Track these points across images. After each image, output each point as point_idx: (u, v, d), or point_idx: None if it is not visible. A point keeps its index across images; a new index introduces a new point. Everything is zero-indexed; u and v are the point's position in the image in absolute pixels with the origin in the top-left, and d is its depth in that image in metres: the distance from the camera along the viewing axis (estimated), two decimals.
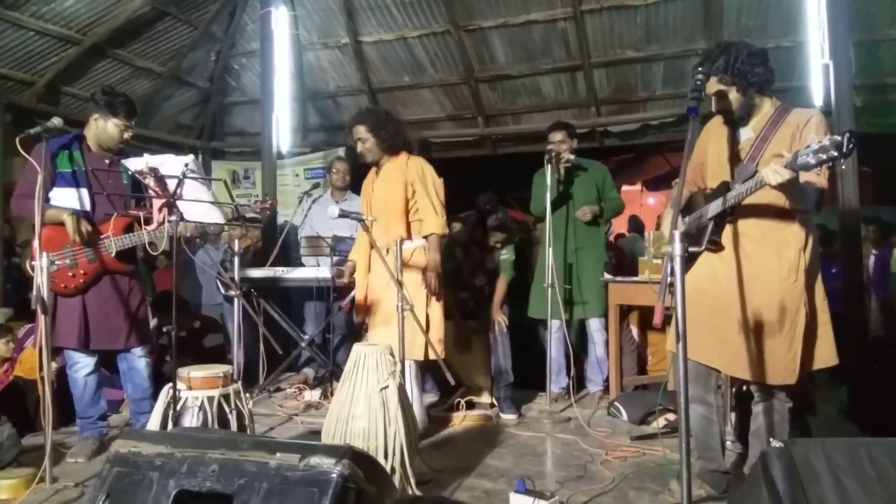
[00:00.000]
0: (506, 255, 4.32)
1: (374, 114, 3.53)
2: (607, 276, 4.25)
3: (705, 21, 6.20)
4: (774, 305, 2.41)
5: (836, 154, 1.99)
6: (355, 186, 4.49)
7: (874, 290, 6.54)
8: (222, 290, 4.73)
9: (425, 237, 3.47)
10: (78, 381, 3.30)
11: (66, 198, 3.16)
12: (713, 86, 2.46)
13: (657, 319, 2.11)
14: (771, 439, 2.27)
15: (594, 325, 4.37)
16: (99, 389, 3.38)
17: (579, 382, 4.43)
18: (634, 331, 4.58)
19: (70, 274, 3.16)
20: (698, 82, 2.31)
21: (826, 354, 2.48)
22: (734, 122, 2.55)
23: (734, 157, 2.52)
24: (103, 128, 3.23)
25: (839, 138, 1.98)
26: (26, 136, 2.75)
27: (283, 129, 6.81)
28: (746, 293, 2.45)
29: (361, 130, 3.45)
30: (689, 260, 2.31)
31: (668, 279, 2.10)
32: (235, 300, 4.00)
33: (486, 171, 8.30)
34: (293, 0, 7.04)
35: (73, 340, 3.18)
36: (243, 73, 7.98)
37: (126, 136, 3.28)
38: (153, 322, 3.99)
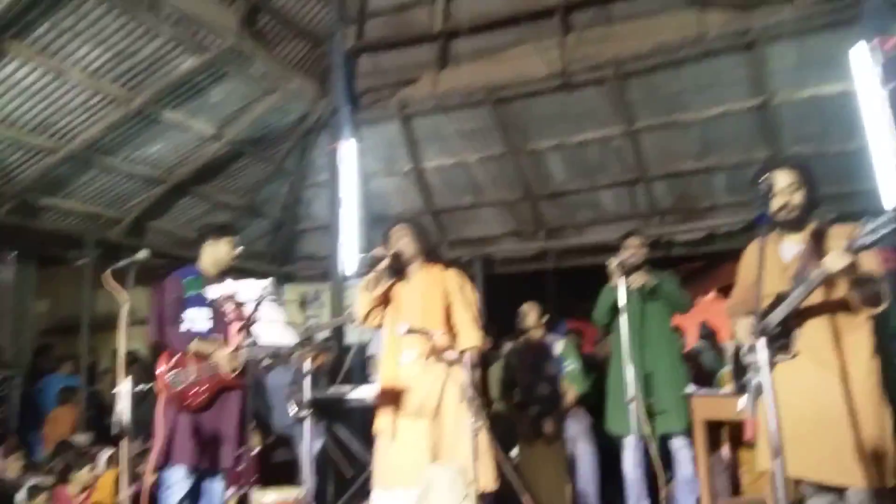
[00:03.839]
0: (570, 365, 4.18)
1: (418, 222, 3.56)
2: (693, 387, 4.03)
3: (762, 130, 6.25)
4: (867, 408, 2.38)
5: (893, 226, 2.06)
6: None
7: None
8: (293, 411, 4.74)
9: (461, 352, 3.17)
10: None
11: (198, 317, 3.42)
12: (788, 177, 2.51)
13: (749, 434, 2.04)
14: None
15: (677, 442, 4.10)
16: None
17: None
18: (724, 448, 4.27)
19: (195, 391, 3.30)
20: (765, 190, 2.34)
21: None
22: (783, 228, 2.59)
23: (785, 271, 2.55)
24: (216, 250, 3.60)
25: (892, 213, 2.06)
26: (115, 270, 2.92)
27: (349, 252, 7.05)
28: (836, 398, 2.40)
29: (403, 229, 3.38)
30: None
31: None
32: (306, 421, 3.99)
33: (550, 285, 8.28)
34: (359, 135, 7.51)
35: (188, 458, 3.24)
36: (313, 203, 8.41)
37: (237, 252, 3.63)
38: None
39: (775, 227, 2.61)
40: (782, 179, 2.51)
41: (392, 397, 3.19)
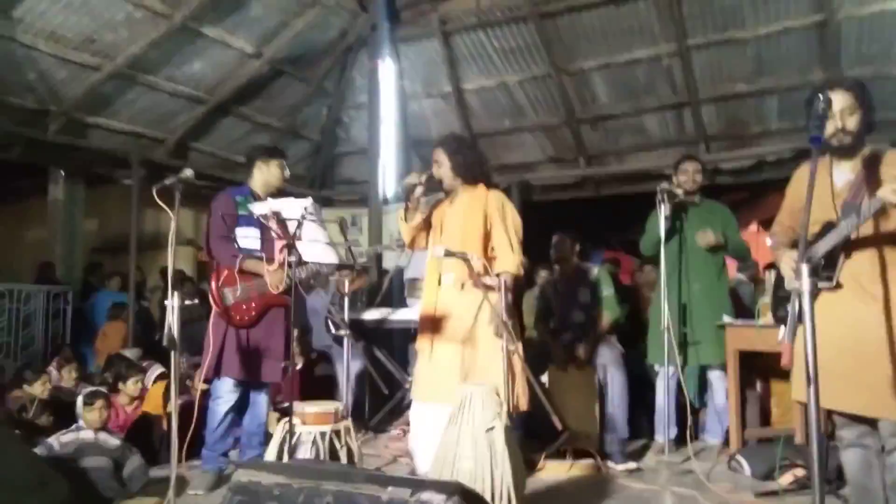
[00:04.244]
0: (605, 291, 4.19)
1: (454, 139, 3.42)
2: (726, 318, 4.00)
3: (821, 50, 5.91)
4: None
5: None
6: None
7: None
8: (332, 331, 4.89)
9: (497, 275, 3.13)
10: (217, 414, 3.45)
11: (248, 236, 3.52)
12: (844, 99, 2.38)
13: (785, 359, 2.03)
14: None
15: (715, 372, 4.11)
16: (232, 427, 3.54)
17: (695, 433, 4.16)
18: (757, 379, 4.27)
19: (244, 307, 3.42)
20: (822, 109, 2.21)
21: None
22: (835, 154, 2.48)
23: (835, 199, 2.46)
24: (268, 171, 3.65)
25: None
26: (161, 187, 2.98)
27: (388, 176, 7.04)
28: (878, 331, 2.35)
29: (439, 153, 3.32)
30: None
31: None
32: (345, 340, 4.12)
33: (589, 214, 8.18)
34: (399, 53, 7.36)
35: (237, 371, 3.39)
36: (352, 125, 8.37)
37: (286, 173, 3.70)
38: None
39: (827, 152, 2.50)
40: (837, 102, 2.37)
41: (431, 318, 3.25)
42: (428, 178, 3.27)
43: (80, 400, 3.32)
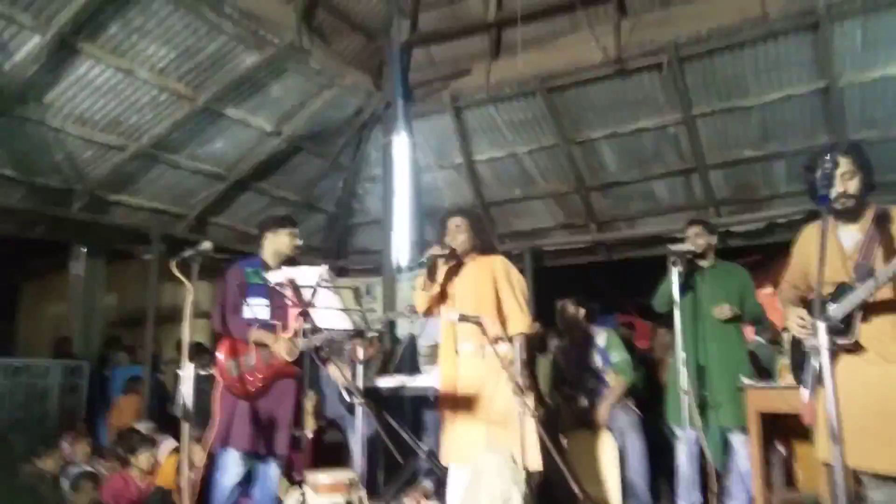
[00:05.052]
0: (616, 356, 4.16)
1: (474, 213, 3.66)
2: (745, 381, 3.93)
3: (825, 115, 6.02)
4: None
5: None
6: None
7: None
8: (346, 399, 4.85)
9: (510, 338, 3.28)
10: (224, 488, 3.40)
11: (259, 306, 3.55)
12: (843, 164, 2.45)
13: (807, 419, 2.02)
14: None
15: (737, 436, 4.01)
16: (239, 499, 3.49)
17: (719, 499, 4.02)
18: (780, 441, 4.16)
19: (250, 378, 3.42)
20: (827, 170, 2.28)
21: None
22: (839, 217, 2.52)
23: (846, 260, 2.49)
24: (277, 240, 3.72)
25: None
26: (180, 260, 3.05)
27: (402, 245, 7.12)
28: None
29: (462, 221, 3.45)
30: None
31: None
32: (358, 408, 4.08)
33: (602, 278, 8.18)
34: (412, 128, 7.58)
35: (246, 443, 3.36)
36: (367, 197, 8.53)
37: (297, 242, 3.75)
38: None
39: (832, 214, 2.54)
40: (841, 166, 2.44)
41: (452, 387, 3.29)
42: (451, 251, 3.35)
43: (66, 484, 3.26)
